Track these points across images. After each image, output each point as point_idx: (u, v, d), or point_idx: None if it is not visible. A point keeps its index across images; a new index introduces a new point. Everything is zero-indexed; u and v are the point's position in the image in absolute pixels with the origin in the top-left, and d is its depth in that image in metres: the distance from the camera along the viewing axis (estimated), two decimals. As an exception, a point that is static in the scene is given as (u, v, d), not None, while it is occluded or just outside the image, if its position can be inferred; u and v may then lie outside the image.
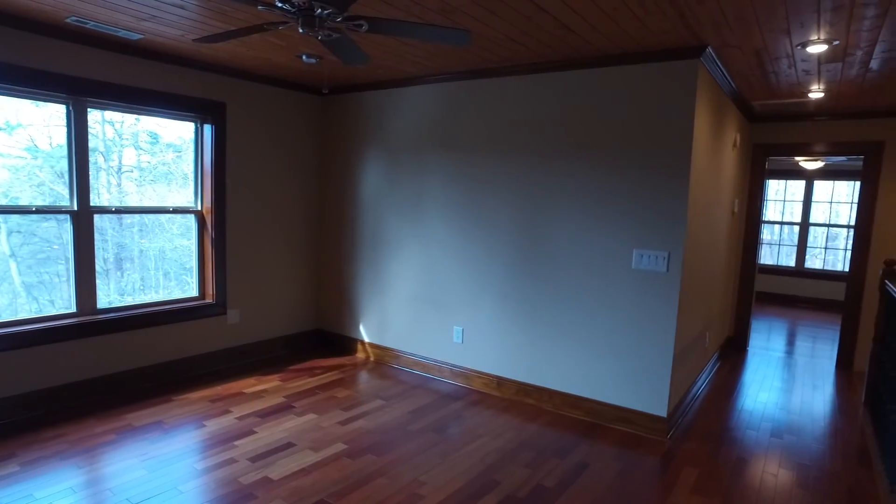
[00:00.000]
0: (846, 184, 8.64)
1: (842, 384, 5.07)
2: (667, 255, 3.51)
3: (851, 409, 4.43)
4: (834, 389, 4.93)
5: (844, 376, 5.29)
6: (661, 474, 3.22)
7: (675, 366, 3.65)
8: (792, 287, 8.95)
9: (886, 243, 5.11)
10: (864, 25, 2.81)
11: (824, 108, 4.99)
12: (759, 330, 7.14)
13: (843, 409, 4.45)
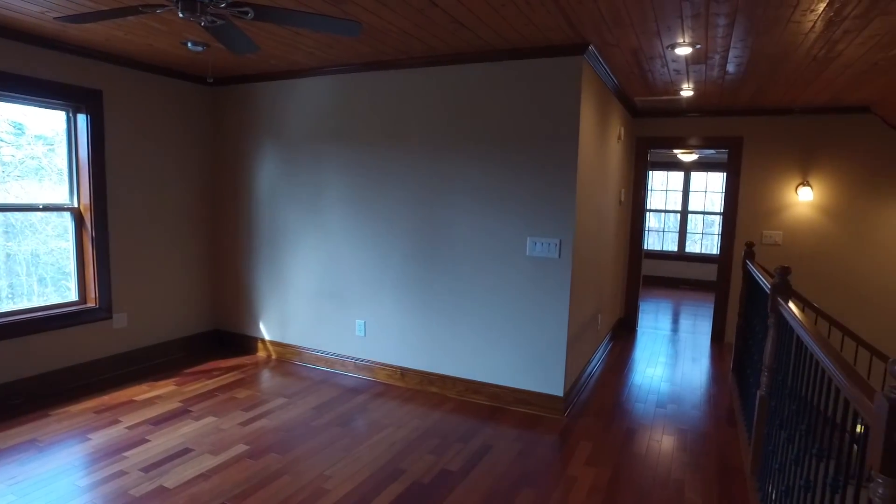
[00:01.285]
0: (718, 175, 9.47)
1: (715, 356, 5.59)
2: (558, 242, 3.71)
3: (723, 377, 4.90)
4: (709, 361, 5.43)
5: (718, 348, 5.83)
6: (558, 450, 3.41)
7: (569, 347, 3.87)
8: (675, 270, 9.70)
9: (749, 227, 5.67)
10: (718, 32, 3.11)
11: (695, 105, 5.44)
12: (648, 311, 7.69)
13: (716, 377, 4.91)
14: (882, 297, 5.27)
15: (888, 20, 2.81)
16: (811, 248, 5.48)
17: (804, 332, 2.09)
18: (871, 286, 5.31)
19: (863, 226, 5.30)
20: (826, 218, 5.41)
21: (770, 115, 5.50)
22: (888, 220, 5.21)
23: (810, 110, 5.30)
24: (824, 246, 5.44)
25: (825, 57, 3.52)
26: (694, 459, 3.35)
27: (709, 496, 2.94)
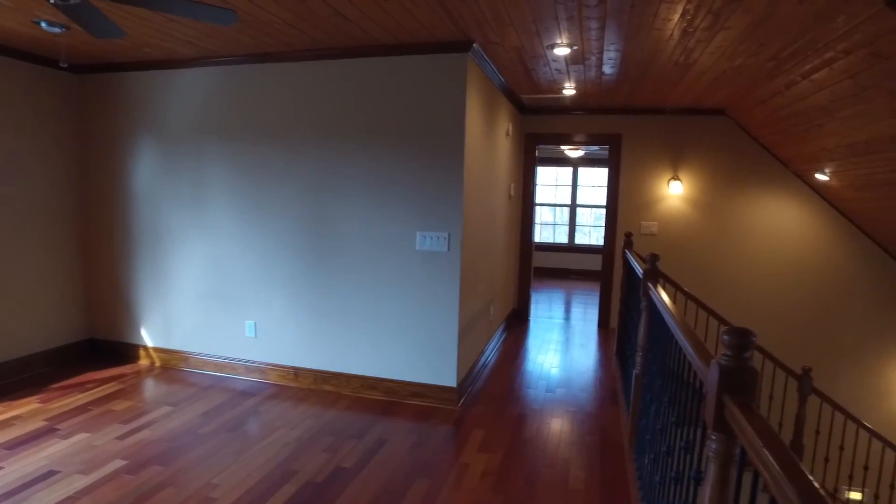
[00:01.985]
0: (603, 170, 10.05)
1: (602, 340, 5.95)
2: (447, 236, 3.78)
3: (608, 360, 5.23)
4: (596, 346, 5.77)
5: (604, 334, 6.21)
6: (452, 439, 3.48)
7: (461, 339, 3.96)
8: (567, 261, 10.19)
9: (629, 219, 6.08)
10: (591, 35, 3.31)
11: (578, 103, 5.74)
12: (541, 301, 8.03)
13: (602, 361, 5.23)
14: (741, 278, 5.85)
15: (729, 34, 3.12)
16: (683, 236, 5.97)
17: (665, 310, 2.28)
18: (732, 269, 5.87)
19: (725, 216, 5.85)
20: (694, 209, 5.92)
21: (645, 115, 5.92)
22: (744, 211, 5.79)
23: (678, 111, 5.76)
24: (693, 234, 5.94)
25: (685, 63, 3.84)
26: (580, 438, 3.55)
27: (591, 471, 3.13)
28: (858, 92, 3.34)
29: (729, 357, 1.30)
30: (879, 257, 5.62)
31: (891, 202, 4.53)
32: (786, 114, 4.45)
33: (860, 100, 3.41)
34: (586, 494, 2.90)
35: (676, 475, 1.97)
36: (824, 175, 4.99)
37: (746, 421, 1.16)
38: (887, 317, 5.70)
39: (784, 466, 0.95)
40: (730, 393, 1.28)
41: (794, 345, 5.80)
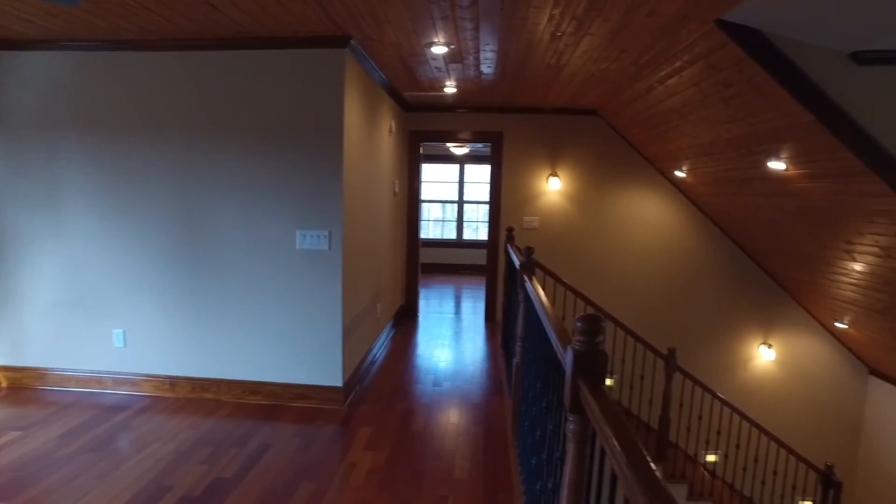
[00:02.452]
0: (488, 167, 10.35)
1: (489, 333, 6.14)
2: (328, 234, 3.72)
3: (494, 352, 5.41)
4: (483, 339, 5.94)
5: (491, 327, 6.41)
6: (338, 440, 3.44)
7: (346, 337, 3.92)
8: (455, 257, 10.40)
9: (511, 214, 6.32)
10: (467, 35, 3.39)
11: (460, 101, 5.87)
12: (431, 297, 8.13)
13: (488, 353, 5.40)
14: (616, 267, 6.29)
15: (593, 39, 3.34)
16: (562, 230, 6.30)
17: (537, 300, 2.40)
18: (607, 259, 6.30)
19: (600, 210, 6.25)
20: (572, 204, 6.27)
21: (525, 113, 6.17)
22: (617, 205, 6.23)
23: (556, 110, 6.07)
24: (572, 228, 6.30)
25: (556, 65, 4.05)
26: (466, 429, 3.65)
27: (476, 460, 3.23)
28: (702, 98, 3.70)
29: (582, 342, 1.39)
30: (729, 247, 6.27)
31: (732, 197, 5.08)
32: (647, 116, 4.83)
33: (703, 105, 3.78)
34: (471, 483, 2.99)
35: (548, 457, 2.09)
36: (682, 172, 5.48)
37: (594, 400, 1.25)
38: (735, 300, 6.38)
39: (620, 439, 1.04)
40: (583, 375, 1.38)
41: (662, 327, 6.33)
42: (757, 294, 6.37)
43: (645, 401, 5.62)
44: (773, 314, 6.43)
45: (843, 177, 3.30)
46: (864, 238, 3.83)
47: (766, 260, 6.02)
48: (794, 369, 6.53)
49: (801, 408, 6.58)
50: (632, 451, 0.99)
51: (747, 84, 3.17)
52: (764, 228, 5.19)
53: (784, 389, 6.57)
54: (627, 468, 0.96)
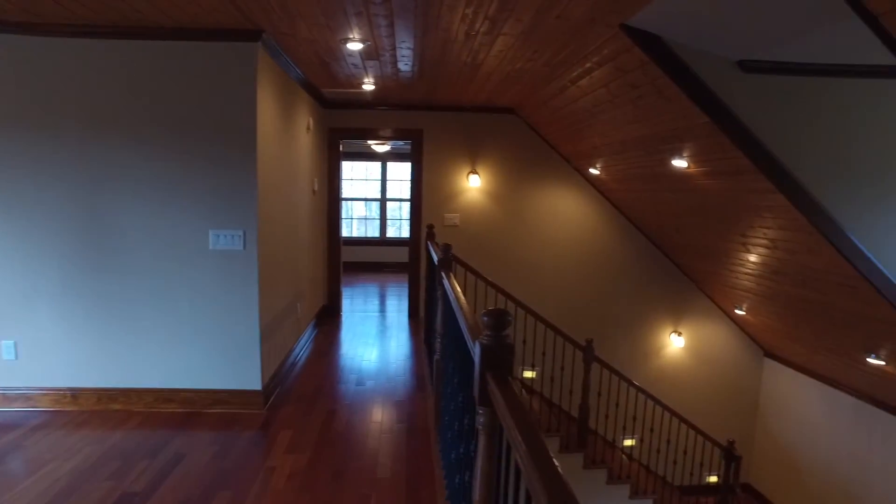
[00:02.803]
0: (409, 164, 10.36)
1: (413, 331, 6.15)
2: (242, 234, 3.60)
3: (417, 349, 5.43)
4: (407, 336, 5.95)
5: (414, 324, 6.43)
6: (258, 444, 3.35)
7: (264, 339, 3.81)
8: (379, 255, 10.34)
9: (432, 211, 6.36)
10: (382, 32, 3.38)
11: (380, 99, 5.84)
12: (355, 295, 8.05)
13: (412, 350, 5.41)
14: (536, 262, 6.47)
15: (507, 39, 3.41)
16: (483, 226, 6.41)
17: (452, 296, 2.43)
18: (528, 254, 6.47)
19: (519, 207, 6.41)
20: (492, 201, 6.39)
21: (444, 111, 6.21)
22: (536, 202, 6.41)
23: (475, 108, 6.15)
24: (493, 224, 6.42)
25: (473, 64, 4.11)
26: (389, 427, 3.64)
27: (399, 458, 3.23)
28: (611, 99, 3.87)
29: (489, 336, 1.43)
30: (641, 241, 6.60)
31: (642, 193, 5.35)
32: (562, 115, 4.99)
33: (613, 106, 3.95)
34: (393, 480, 2.99)
35: (465, 451, 2.13)
36: (596, 170, 5.71)
37: (500, 392, 1.29)
38: (647, 291, 6.73)
39: (522, 431, 1.08)
40: (490, 369, 1.41)
41: (580, 320, 6.56)
42: (667, 285, 6.75)
43: (566, 391, 5.82)
44: (682, 304, 6.83)
45: (735, 175, 3.55)
46: (755, 231, 4.14)
47: (674, 253, 6.38)
48: (701, 355, 6.97)
49: (707, 390, 7.04)
50: (532, 441, 1.03)
51: (651, 86, 3.34)
52: (671, 223, 5.50)
53: (692, 374, 7.00)
54: (527, 458, 0.99)
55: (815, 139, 3.25)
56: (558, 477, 0.89)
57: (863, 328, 4.21)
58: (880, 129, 3.29)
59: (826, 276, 3.91)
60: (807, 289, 4.36)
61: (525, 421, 1.10)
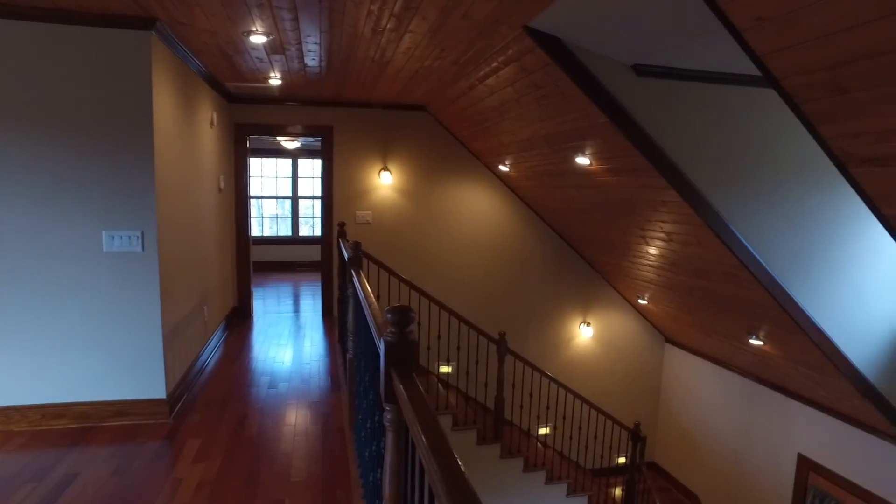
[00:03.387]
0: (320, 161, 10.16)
1: (327, 330, 6.05)
2: (140, 235, 3.40)
3: (332, 348, 5.35)
4: (322, 335, 5.84)
5: (329, 323, 6.32)
6: (163, 456, 3.18)
7: (168, 345, 3.63)
8: (292, 254, 10.08)
9: (344, 209, 6.27)
10: (286, 25, 3.30)
11: (289, 94, 5.68)
12: (268, 296, 7.80)
13: (326, 350, 5.33)
14: (449, 258, 6.55)
15: (414, 37, 3.43)
16: (396, 224, 6.40)
17: (362, 294, 2.42)
18: (441, 251, 6.53)
19: (432, 203, 6.45)
20: (404, 198, 6.39)
21: (355, 107, 6.14)
22: (448, 198, 6.48)
23: (386, 105, 6.12)
24: (405, 221, 6.42)
25: (381, 60, 4.09)
26: (303, 429, 3.57)
27: (314, 460, 3.18)
28: (518, 98, 3.98)
29: (393, 333, 1.44)
30: (550, 236, 6.85)
31: (550, 190, 5.55)
32: (471, 112, 5.08)
33: (519, 104, 4.07)
34: (308, 483, 2.94)
35: (377, 448, 2.13)
36: (505, 167, 5.85)
37: (403, 389, 1.30)
38: (558, 284, 6.99)
39: (423, 425, 1.10)
40: (394, 366, 1.43)
41: (494, 313, 6.73)
42: (576, 278, 7.05)
43: (481, 384, 5.94)
44: (590, 295, 7.15)
45: (633, 171, 3.76)
46: (652, 225, 4.41)
47: (581, 246, 6.67)
48: (609, 343, 7.34)
49: (615, 376, 7.43)
50: (433, 437, 1.05)
51: (554, 86, 3.48)
52: (578, 218, 5.74)
53: (601, 361, 7.36)
54: (428, 453, 1.01)
55: (702, 140, 3.51)
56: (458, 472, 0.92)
57: (745, 312, 4.60)
58: (756, 133, 3.60)
59: (714, 265, 4.23)
60: (699, 278, 4.70)
61: (426, 416, 1.13)
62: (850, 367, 4.19)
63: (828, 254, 3.94)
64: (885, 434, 4.56)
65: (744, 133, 3.60)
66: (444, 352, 5.90)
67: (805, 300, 3.93)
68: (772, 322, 4.37)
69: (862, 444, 4.80)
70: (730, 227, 3.65)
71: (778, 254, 3.81)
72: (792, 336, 4.30)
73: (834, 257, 3.96)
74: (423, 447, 1.03)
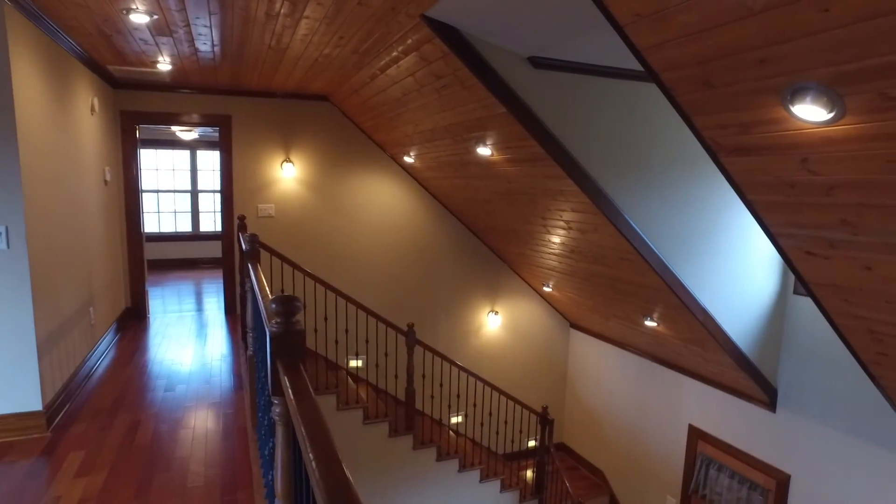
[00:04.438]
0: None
1: (231, 328, 5.80)
2: (4, 230, 3.08)
3: (236, 346, 5.14)
4: (225, 334, 5.59)
5: (232, 321, 6.06)
6: (38, 474, 2.91)
7: (43, 352, 3.33)
8: (193, 250, 9.57)
9: (245, 202, 6.02)
10: (171, 4, 3.09)
11: (182, 81, 5.36)
12: (167, 295, 7.36)
13: (230, 348, 5.10)
14: (356, 251, 6.46)
15: (311, 23, 3.33)
16: (300, 217, 6.22)
17: (256, 287, 2.33)
18: (348, 244, 6.43)
19: (337, 196, 6.33)
20: (309, 191, 6.23)
21: (255, 97, 5.89)
22: (354, 191, 6.38)
23: (287, 95, 5.92)
24: (310, 214, 6.26)
25: (278, 47, 3.94)
26: (202, 432, 3.40)
27: (213, 463, 3.04)
28: (418, 88, 3.98)
29: (279, 324, 1.39)
30: (457, 226, 6.92)
31: (454, 180, 5.60)
32: (374, 103, 5.02)
33: (420, 95, 4.07)
34: (207, 488, 2.81)
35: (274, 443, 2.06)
36: (411, 158, 5.84)
37: (288, 380, 1.26)
38: (465, 275, 7.09)
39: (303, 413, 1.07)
40: (280, 357, 1.38)
41: (403, 305, 6.72)
42: (483, 268, 7.17)
43: (391, 376, 5.93)
44: (497, 284, 7.31)
45: (532, 162, 3.87)
46: (553, 214, 4.57)
47: (487, 236, 6.79)
48: (516, 330, 7.55)
49: (523, 362, 7.66)
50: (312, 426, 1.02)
51: (454, 76, 3.50)
52: (482, 208, 5.84)
53: (509, 349, 7.55)
54: (308, 443, 0.98)
55: (597, 131, 3.66)
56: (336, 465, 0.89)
57: (640, 295, 4.88)
58: (646, 125, 3.81)
59: (610, 251, 4.44)
60: (597, 264, 4.93)
61: (308, 406, 1.09)
62: (730, 342, 4.56)
63: (710, 238, 4.25)
64: (759, 401, 5.00)
65: (635, 125, 3.79)
66: (353, 346, 5.83)
67: (691, 282, 4.22)
68: (663, 304, 4.66)
69: (741, 411, 5.24)
70: (623, 215, 3.85)
71: (667, 239, 4.07)
72: (681, 316, 4.61)
73: (715, 242, 4.28)
74: (301, 437, 1.00)
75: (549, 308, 7.68)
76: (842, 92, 1.81)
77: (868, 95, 1.76)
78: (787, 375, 4.79)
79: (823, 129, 1.99)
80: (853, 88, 1.77)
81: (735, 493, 5.30)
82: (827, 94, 1.85)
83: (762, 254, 4.47)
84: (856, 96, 1.79)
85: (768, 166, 2.32)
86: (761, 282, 4.57)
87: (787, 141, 2.13)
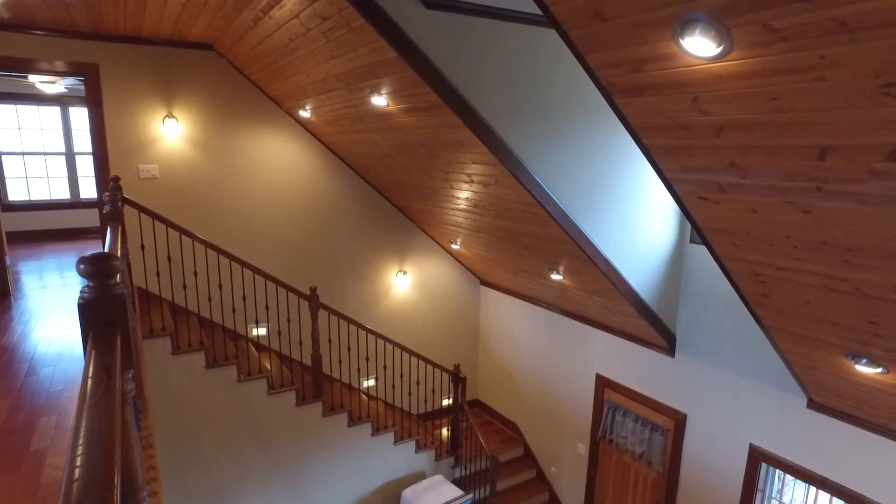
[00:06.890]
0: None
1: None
2: None
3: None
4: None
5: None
6: None
7: None
8: (73, 219, 8.69)
9: (124, 163, 5.42)
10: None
11: (29, 20, 4.66)
12: (47, 268, 6.62)
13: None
14: (252, 213, 6.05)
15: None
16: (189, 177, 5.70)
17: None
18: (242, 205, 5.99)
19: (229, 154, 5.84)
20: (196, 149, 5.70)
21: (126, 43, 5.24)
22: (247, 149, 5.91)
23: (166, 42, 5.33)
24: (200, 174, 5.75)
25: (138, -21, 3.46)
26: (67, 420, 3.03)
27: (79, 451, 2.71)
28: (305, 32, 3.64)
29: (91, 288, 1.14)
30: (359, 184, 6.63)
31: (352, 135, 5.31)
32: (261, 51, 4.60)
33: (308, 40, 3.73)
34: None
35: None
36: (306, 112, 5.47)
37: (94, 354, 1.03)
38: (371, 234, 6.86)
39: (93, 400, 0.85)
40: (95, 326, 1.13)
41: (307, 268, 6.41)
42: (389, 227, 6.97)
43: (296, 343, 5.67)
44: (405, 243, 7.14)
45: (429, 111, 3.67)
46: (454, 167, 4.42)
47: (391, 193, 6.57)
48: (426, 290, 7.45)
49: (436, 322, 7.60)
50: (91, 415, 0.81)
51: (339, 17, 3.20)
52: (383, 164, 5.59)
53: (420, 309, 7.46)
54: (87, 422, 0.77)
55: (495, 78, 3.49)
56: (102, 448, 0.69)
57: (545, 249, 4.87)
58: (547, 72, 3.69)
59: (514, 205, 4.37)
60: (502, 218, 4.85)
61: (106, 389, 0.87)
62: (633, 292, 4.66)
63: (612, 189, 4.26)
64: (659, 348, 5.21)
65: (537, 74, 3.66)
66: (252, 313, 5.50)
67: (595, 234, 4.23)
68: (568, 257, 4.68)
69: (643, 358, 5.45)
70: (525, 167, 3.75)
71: (570, 191, 4.03)
72: (585, 268, 4.65)
73: (617, 192, 4.30)
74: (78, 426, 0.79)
75: (459, 266, 7.63)
76: (728, 24, 1.73)
77: (753, 28, 1.69)
78: (684, 322, 4.99)
79: (713, 66, 1.92)
80: (738, 20, 1.69)
81: (639, 435, 5.55)
82: (714, 26, 1.77)
83: (662, 203, 4.56)
84: (741, 28, 1.72)
85: (661, 107, 2.25)
86: (661, 231, 4.68)
87: (679, 79, 2.05)
